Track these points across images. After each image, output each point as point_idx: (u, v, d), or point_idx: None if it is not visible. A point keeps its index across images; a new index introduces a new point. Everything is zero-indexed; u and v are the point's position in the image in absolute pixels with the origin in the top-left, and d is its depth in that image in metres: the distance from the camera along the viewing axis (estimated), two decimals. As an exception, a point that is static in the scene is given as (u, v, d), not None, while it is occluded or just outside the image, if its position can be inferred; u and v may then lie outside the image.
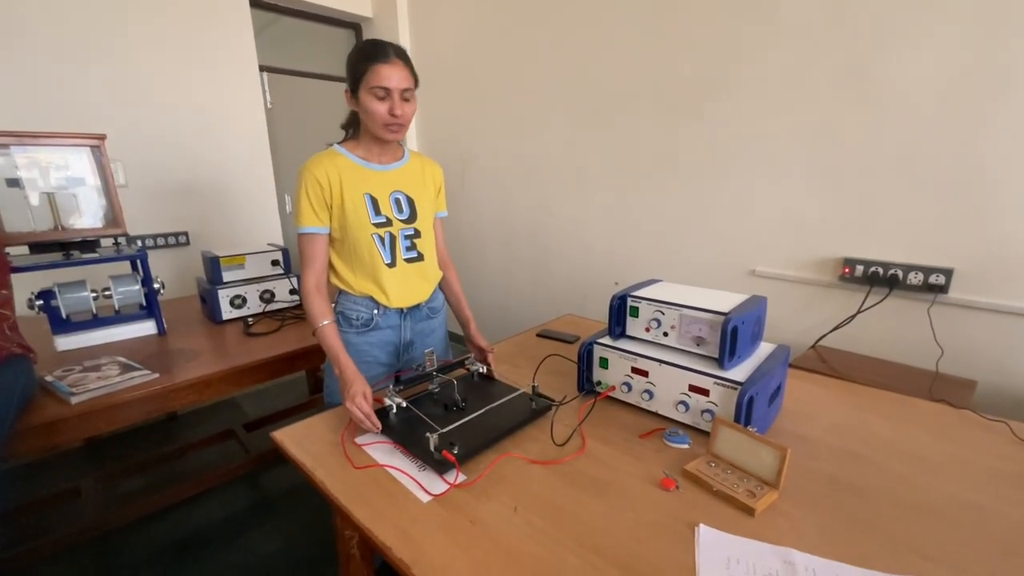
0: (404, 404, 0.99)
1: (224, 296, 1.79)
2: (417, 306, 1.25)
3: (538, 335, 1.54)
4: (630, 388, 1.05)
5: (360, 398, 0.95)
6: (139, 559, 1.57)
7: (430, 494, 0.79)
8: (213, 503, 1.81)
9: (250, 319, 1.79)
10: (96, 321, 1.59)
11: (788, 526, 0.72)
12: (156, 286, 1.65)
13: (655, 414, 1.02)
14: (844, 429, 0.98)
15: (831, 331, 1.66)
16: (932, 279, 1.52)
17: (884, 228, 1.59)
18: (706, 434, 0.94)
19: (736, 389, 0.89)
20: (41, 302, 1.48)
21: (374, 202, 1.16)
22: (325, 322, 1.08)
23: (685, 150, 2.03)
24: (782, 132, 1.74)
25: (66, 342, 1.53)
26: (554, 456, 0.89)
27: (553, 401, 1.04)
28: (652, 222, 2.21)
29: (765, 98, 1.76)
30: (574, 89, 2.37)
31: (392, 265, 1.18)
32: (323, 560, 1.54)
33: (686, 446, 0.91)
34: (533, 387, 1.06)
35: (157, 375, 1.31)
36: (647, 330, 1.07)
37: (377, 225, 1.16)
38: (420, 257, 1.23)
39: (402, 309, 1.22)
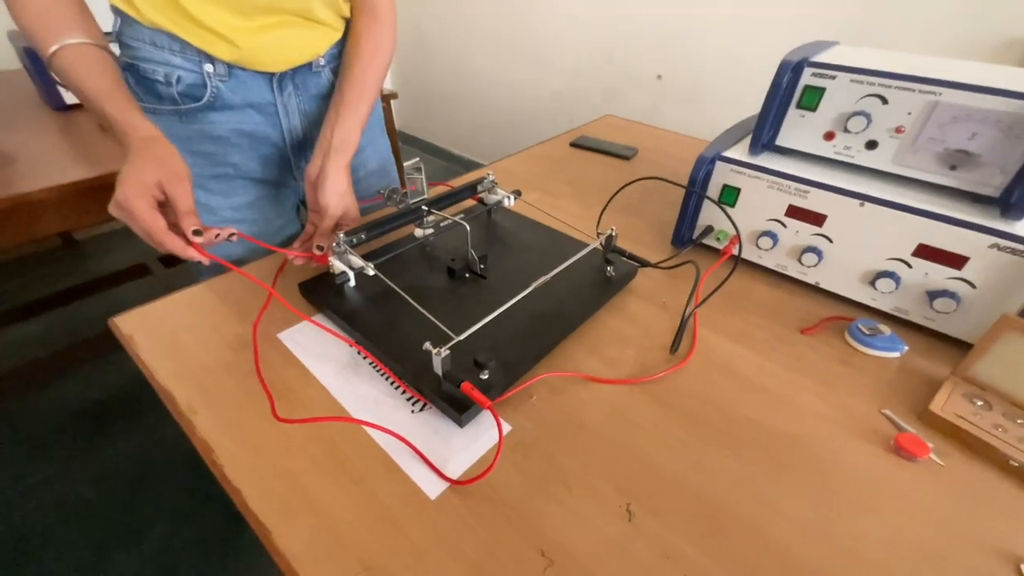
0: (371, 271, 0.51)
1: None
2: (308, 65, 0.64)
3: (573, 145, 1.00)
4: (775, 243, 0.59)
5: (141, 202, 0.41)
6: (48, 426, 1.23)
7: (445, 478, 0.37)
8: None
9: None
10: None
11: None
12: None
13: (823, 292, 0.59)
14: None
15: None
16: None
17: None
18: (929, 335, 0.53)
19: (1062, 263, 0.44)
20: None
21: None
22: (71, 40, 0.46)
23: None
24: None
25: None
26: (642, 372, 0.47)
27: (644, 262, 0.58)
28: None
29: None
30: None
31: None
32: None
33: (897, 355, 0.51)
34: (608, 236, 0.58)
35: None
36: (828, 137, 0.56)
37: None
38: None
39: (273, 73, 0.61)
